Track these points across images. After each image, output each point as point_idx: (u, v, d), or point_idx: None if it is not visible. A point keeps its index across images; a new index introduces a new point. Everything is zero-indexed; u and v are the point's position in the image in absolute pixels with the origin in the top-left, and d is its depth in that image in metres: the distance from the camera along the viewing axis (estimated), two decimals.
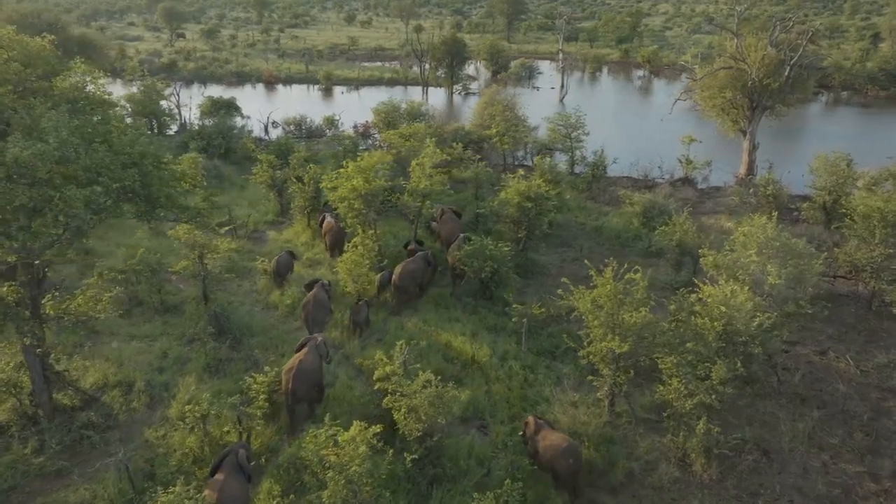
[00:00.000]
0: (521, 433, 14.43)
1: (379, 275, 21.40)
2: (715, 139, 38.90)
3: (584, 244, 25.94)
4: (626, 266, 15.59)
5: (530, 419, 14.18)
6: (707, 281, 16.70)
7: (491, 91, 44.12)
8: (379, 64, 76.47)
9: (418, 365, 15.32)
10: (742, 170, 34.25)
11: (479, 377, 17.12)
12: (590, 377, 15.73)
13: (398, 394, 13.43)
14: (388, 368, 14.46)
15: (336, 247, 23.30)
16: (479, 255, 20.63)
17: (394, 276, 20.70)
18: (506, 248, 21.03)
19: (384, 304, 20.90)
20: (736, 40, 33.01)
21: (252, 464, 12.75)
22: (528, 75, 69.15)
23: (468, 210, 27.15)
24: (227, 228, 19.46)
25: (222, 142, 35.73)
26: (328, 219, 24.06)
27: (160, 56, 75.20)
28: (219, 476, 11.96)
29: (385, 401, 13.66)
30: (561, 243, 26.30)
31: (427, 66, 62.81)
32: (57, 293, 15.14)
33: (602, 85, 70.55)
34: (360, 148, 40.27)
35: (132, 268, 19.95)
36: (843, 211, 22.31)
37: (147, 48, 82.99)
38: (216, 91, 56.91)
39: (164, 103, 43.77)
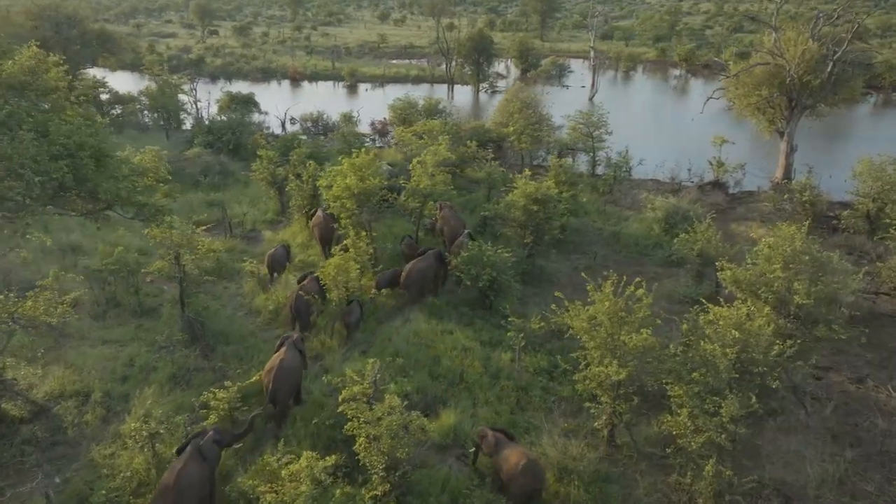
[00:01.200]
0: (471, 450, 12.99)
1: (380, 273, 20.22)
2: (750, 140, 36.47)
3: (598, 251, 24.01)
4: (637, 277, 13.77)
5: (488, 432, 12.62)
6: (728, 296, 14.80)
7: (514, 88, 42.29)
8: (406, 62, 75.13)
9: (392, 385, 13.75)
10: (778, 173, 31.81)
11: (466, 398, 15.44)
12: (587, 403, 13.90)
13: (360, 420, 11.86)
14: (356, 388, 12.95)
15: (324, 242, 22.35)
16: (476, 262, 18.96)
17: (402, 276, 19.55)
18: (506, 254, 19.31)
19: (375, 309, 19.38)
20: (774, 34, 30.61)
21: (223, 446, 12.25)
22: (558, 74, 67.13)
23: (476, 212, 25.50)
24: (205, 228, 18.14)
25: (231, 137, 34.66)
26: (318, 212, 22.73)
27: (189, 52, 75.19)
28: (181, 458, 11.54)
29: (346, 427, 12.10)
30: (574, 249, 24.42)
31: (453, 63, 61.21)
32: (2, 296, 13.96)
33: (635, 84, 67.96)
34: (377, 145, 39.22)
35: (107, 267, 18.79)
36: (889, 220, 20.00)
37: (178, 44, 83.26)
38: (241, 87, 56.49)
39: (182, 98, 43.31)
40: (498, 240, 23.07)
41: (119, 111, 44.81)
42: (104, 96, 45.92)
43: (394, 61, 74.70)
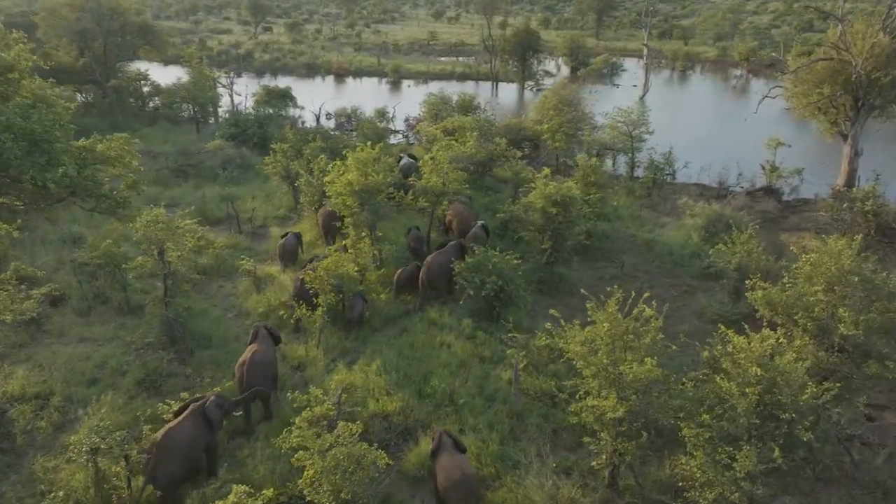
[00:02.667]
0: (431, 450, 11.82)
1: (399, 270, 19.15)
2: (810, 143, 33.38)
3: (627, 260, 21.83)
4: (669, 290, 11.75)
5: (441, 434, 11.74)
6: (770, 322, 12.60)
7: (556, 86, 40.19)
8: (454, 59, 73.60)
9: (358, 408, 12.15)
10: (840, 180, 28.77)
11: (453, 423, 13.70)
12: (585, 438, 11.94)
13: (308, 451, 10.30)
14: (317, 409, 11.43)
15: (327, 234, 21.50)
16: (481, 268, 17.19)
17: (422, 271, 18.53)
18: (515, 261, 17.47)
19: (381, 309, 17.89)
20: (840, 26, 27.63)
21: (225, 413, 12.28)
22: (609, 72, 64.37)
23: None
24: (187, 220, 16.92)
25: (257, 130, 33.78)
26: (325, 204, 21.56)
27: (238, 47, 75.62)
28: (177, 420, 11.67)
29: (295, 457, 10.55)
30: (601, 257, 22.31)
31: (498, 60, 59.34)
32: None
33: (691, 84, 64.50)
34: (409, 142, 37.81)
35: (93, 261, 17.84)
36: None
37: (230, 40, 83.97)
38: (286, 82, 56.26)
39: (221, 91, 43.20)
40: (518, 244, 21.32)
41: (157, 103, 44.98)
42: (146, 88, 46.21)
43: (441, 59, 73.26)
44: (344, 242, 18.48)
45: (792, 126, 37.72)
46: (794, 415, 9.36)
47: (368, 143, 19.87)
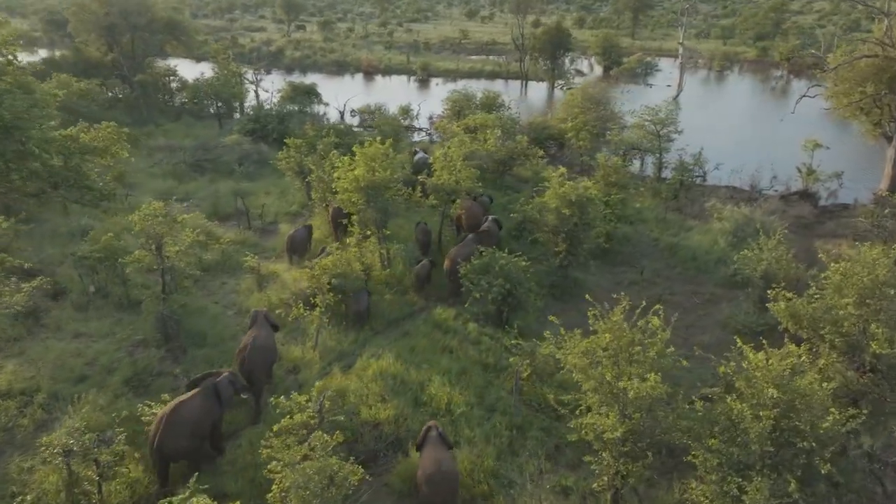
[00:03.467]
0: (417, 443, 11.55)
1: (418, 265, 18.88)
2: (851, 146, 31.66)
3: (648, 265, 20.73)
4: (692, 298, 10.75)
5: (431, 426, 11.40)
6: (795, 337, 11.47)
7: (584, 84, 39.03)
8: (483, 57, 72.67)
9: (342, 417, 11.39)
10: (882, 185, 27.16)
11: (448, 434, 12.84)
12: (587, 457, 10.98)
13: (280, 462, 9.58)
14: (297, 418, 10.72)
15: (336, 228, 20.98)
16: (487, 270, 16.32)
17: (445, 264, 18.27)
18: (524, 263, 16.54)
19: (382, 312, 17.16)
20: (885, 21, 26.03)
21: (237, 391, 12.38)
22: (643, 72, 62.74)
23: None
24: (185, 215, 16.43)
25: (277, 126, 33.39)
26: (330, 201, 21.09)
27: (270, 45, 75.90)
28: (187, 394, 11.75)
29: (267, 469, 9.83)
30: (621, 261, 21.23)
31: (528, 58, 58.24)
32: None
33: (728, 85, 62.46)
34: (432, 139, 37.05)
35: (92, 255, 17.46)
36: None
37: (263, 38, 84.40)
38: (315, 79, 56.24)
39: (249, 86, 43.26)
40: (535, 246, 20.39)
41: (184, 98, 45.07)
42: (173, 84, 46.34)
43: (471, 57, 72.39)
44: (348, 240, 17.80)
45: (832, 127, 35.97)
46: (813, 443, 8.29)
47: (377, 138, 19.15)
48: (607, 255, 21.10)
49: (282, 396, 11.62)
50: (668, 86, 56.41)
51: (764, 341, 10.31)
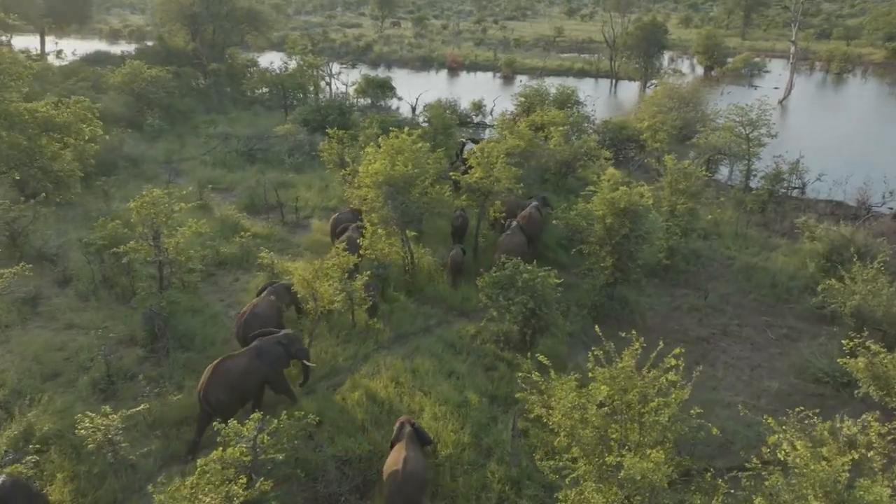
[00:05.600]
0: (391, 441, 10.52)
1: (452, 252, 17.57)
2: None
3: (716, 287, 17.65)
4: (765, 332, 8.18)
5: (405, 422, 10.48)
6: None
7: (671, 82, 35.55)
8: (574, 55, 69.34)
9: (280, 456, 9.45)
10: None
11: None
12: None
13: None
14: (230, 451, 8.97)
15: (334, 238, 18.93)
16: (510, 286, 13.98)
17: (495, 256, 16.79)
18: (553, 279, 14.04)
19: (394, 323, 15.21)
20: None
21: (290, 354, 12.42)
22: (749, 73, 57.65)
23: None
24: (182, 204, 15.18)
25: (337, 117, 32.17)
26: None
27: (359, 40, 76.00)
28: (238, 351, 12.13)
29: None
30: (684, 282, 18.23)
31: (620, 56, 54.63)
32: None
33: (847, 88, 56.09)
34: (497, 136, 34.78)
35: (96, 242, 16.52)
36: None
37: (355, 33, 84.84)
38: (400, 74, 55.73)
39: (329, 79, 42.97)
40: (588, 258, 17.72)
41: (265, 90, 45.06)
42: (254, 75, 46.48)
43: (563, 55, 69.25)
44: (361, 241, 15.99)
45: None
46: None
47: (405, 129, 17.19)
48: (668, 273, 18.17)
49: (230, 421, 9.94)
50: (776, 88, 51.32)
51: (839, 414, 7.47)
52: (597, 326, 10.72)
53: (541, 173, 25.53)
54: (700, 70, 62.79)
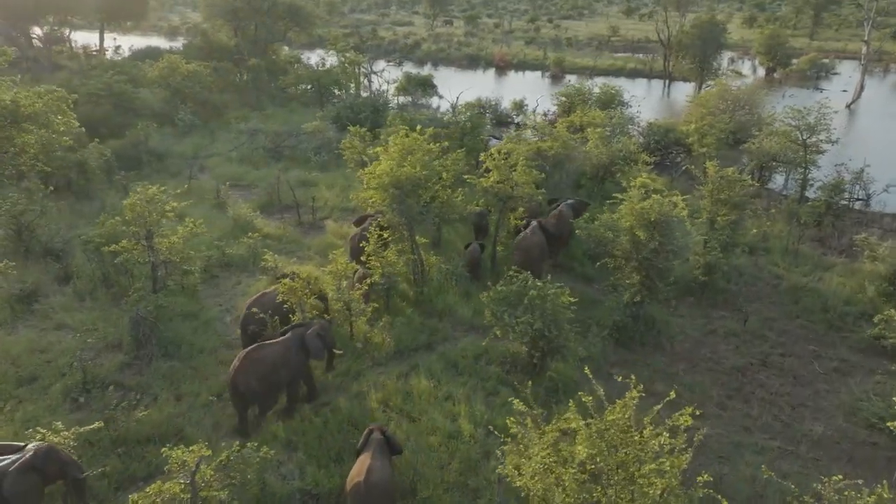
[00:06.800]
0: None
1: (468, 248, 17.10)
2: None
3: (758, 310, 15.80)
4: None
5: (374, 430, 9.77)
6: None
7: (723, 82, 33.21)
8: (627, 55, 66.82)
9: (223, 494, 8.34)
10: None
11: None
12: None
13: None
14: (166, 486, 7.94)
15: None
16: (515, 303, 12.58)
17: (516, 256, 16.27)
18: (566, 297, 12.57)
19: (395, 337, 14.00)
20: None
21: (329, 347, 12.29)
22: (816, 74, 54.26)
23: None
24: (174, 202, 14.32)
25: (370, 115, 31.23)
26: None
27: (409, 38, 75.36)
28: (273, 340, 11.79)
29: None
30: (723, 302, 16.41)
31: (674, 56, 52.11)
32: None
33: None
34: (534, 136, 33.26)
35: (94, 240, 15.91)
36: None
37: (405, 31, 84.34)
38: (447, 73, 54.80)
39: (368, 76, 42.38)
40: (616, 271, 16.14)
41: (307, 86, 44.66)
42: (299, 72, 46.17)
43: (616, 54, 66.84)
44: (365, 247, 14.85)
45: None
46: None
47: (418, 126, 15.97)
48: (704, 292, 16.41)
49: (180, 447, 8.90)
50: (844, 91, 48.04)
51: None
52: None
53: (576, 177, 24.00)
54: (762, 71, 59.51)
